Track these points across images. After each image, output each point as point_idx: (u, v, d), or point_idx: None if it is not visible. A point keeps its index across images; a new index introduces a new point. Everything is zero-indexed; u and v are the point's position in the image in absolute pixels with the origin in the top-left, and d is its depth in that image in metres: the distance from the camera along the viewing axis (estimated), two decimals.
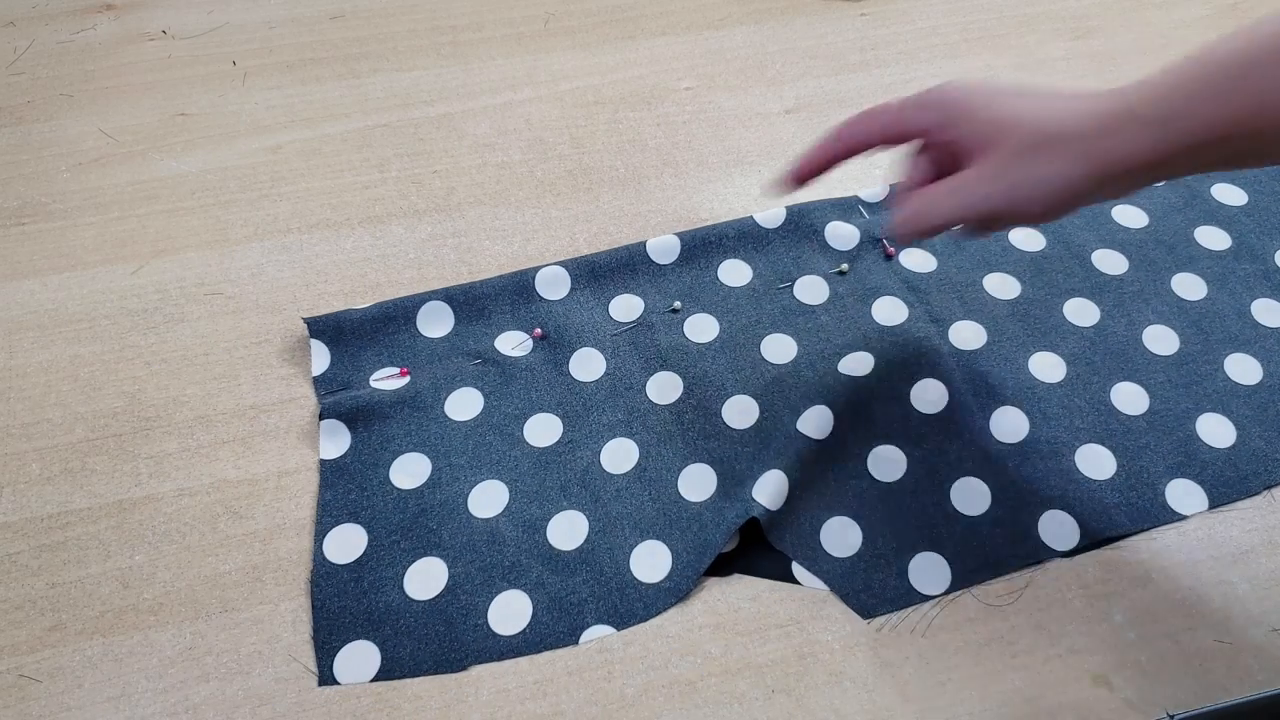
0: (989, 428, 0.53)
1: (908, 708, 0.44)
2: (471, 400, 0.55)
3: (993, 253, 0.63)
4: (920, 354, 0.57)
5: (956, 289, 0.60)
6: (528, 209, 0.66)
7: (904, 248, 0.63)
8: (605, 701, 0.44)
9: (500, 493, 0.51)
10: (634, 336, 0.58)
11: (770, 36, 0.81)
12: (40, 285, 0.62)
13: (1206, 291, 0.60)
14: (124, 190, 0.68)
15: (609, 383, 0.56)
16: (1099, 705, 0.44)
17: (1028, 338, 0.58)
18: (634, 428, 0.54)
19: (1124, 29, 0.81)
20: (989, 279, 0.61)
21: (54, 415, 0.55)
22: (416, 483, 0.52)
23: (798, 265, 0.62)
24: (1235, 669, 0.45)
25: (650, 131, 0.72)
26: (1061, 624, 0.46)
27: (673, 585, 0.48)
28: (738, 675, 0.45)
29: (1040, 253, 0.63)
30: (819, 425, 0.53)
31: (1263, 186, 0.67)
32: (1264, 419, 0.54)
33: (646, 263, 0.62)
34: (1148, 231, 0.64)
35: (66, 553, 0.49)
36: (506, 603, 0.47)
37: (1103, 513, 0.50)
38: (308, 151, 0.71)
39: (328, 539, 0.49)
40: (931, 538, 0.49)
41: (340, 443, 0.53)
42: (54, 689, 0.44)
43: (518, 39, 0.81)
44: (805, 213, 0.64)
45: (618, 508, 0.51)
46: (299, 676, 0.45)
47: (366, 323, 0.58)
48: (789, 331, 0.58)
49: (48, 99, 0.75)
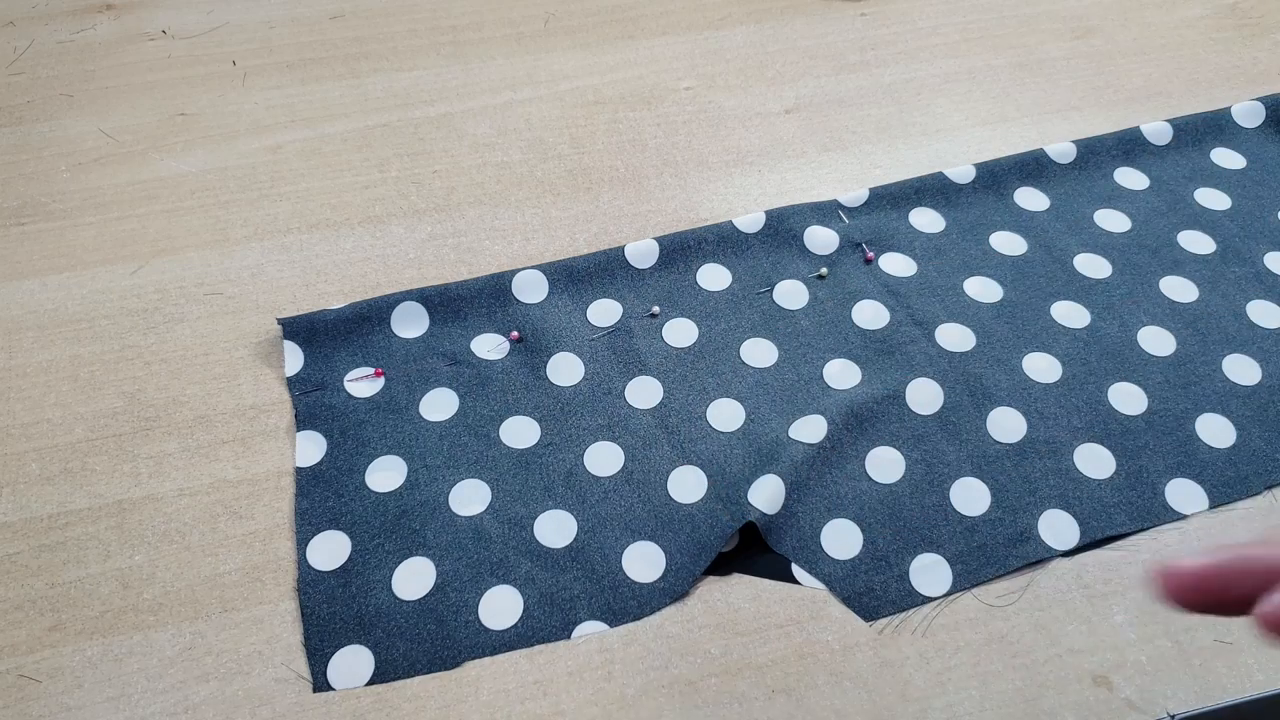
0: (986, 428, 0.53)
1: (908, 708, 0.44)
2: (446, 401, 0.55)
3: (973, 257, 0.63)
4: (910, 356, 0.57)
5: (937, 293, 0.60)
6: (528, 209, 0.66)
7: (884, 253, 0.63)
8: (605, 701, 0.44)
9: (482, 490, 0.51)
10: (612, 341, 0.58)
11: (770, 36, 0.81)
12: (40, 285, 0.62)
13: (1198, 294, 0.60)
14: (124, 190, 0.68)
15: (587, 387, 0.56)
16: (1099, 705, 0.44)
17: (1018, 339, 0.58)
18: (616, 432, 0.54)
19: (1124, 29, 0.81)
20: (969, 283, 0.61)
21: (54, 415, 0.55)
22: (394, 485, 0.52)
23: (777, 269, 0.62)
24: (1235, 669, 0.45)
25: (650, 131, 0.72)
26: (1061, 624, 0.46)
27: (668, 585, 0.48)
28: (738, 675, 0.45)
29: (1021, 257, 0.63)
30: (813, 431, 0.53)
31: (1246, 191, 0.67)
32: (1264, 419, 0.54)
33: (625, 267, 0.61)
34: (1130, 236, 0.64)
35: (66, 553, 0.49)
36: (497, 598, 0.47)
37: (1103, 512, 0.50)
38: (308, 151, 0.71)
39: (310, 546, 0.49)
40: (932, 539, 0.49)
41: (316, 449, 0.53)
42: (54, 689, 0.44)
43: (518, 39, 0.81)
44: (784, 217, 0.64)
45: (606, 509, 0.51)
46: (298, 677, 0.45)
47: (340, 323, 0.58)
48: (769, 335, 0.58)
49: (48, 99, 0.75)
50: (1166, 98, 0.74)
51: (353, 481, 0.52)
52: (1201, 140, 0.70)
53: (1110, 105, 0.74)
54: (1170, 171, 0.68)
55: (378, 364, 0.57)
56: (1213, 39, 0.80)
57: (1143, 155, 0.69)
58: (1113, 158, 0.69)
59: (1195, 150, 0.70)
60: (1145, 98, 0.74)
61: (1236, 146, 0.70)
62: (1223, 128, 0.71)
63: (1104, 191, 0.67)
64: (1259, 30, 0.81)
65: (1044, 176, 0.68)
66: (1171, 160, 0.69)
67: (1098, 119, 0.72)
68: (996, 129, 0.72)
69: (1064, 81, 0.76)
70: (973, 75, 0.77)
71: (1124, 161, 0.69)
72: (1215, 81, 0.76)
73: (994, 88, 0.76)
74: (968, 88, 0.76)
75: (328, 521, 0.50)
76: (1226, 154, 0.69)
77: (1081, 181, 0.68)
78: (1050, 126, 0.72)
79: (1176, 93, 0.75)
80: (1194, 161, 0.69)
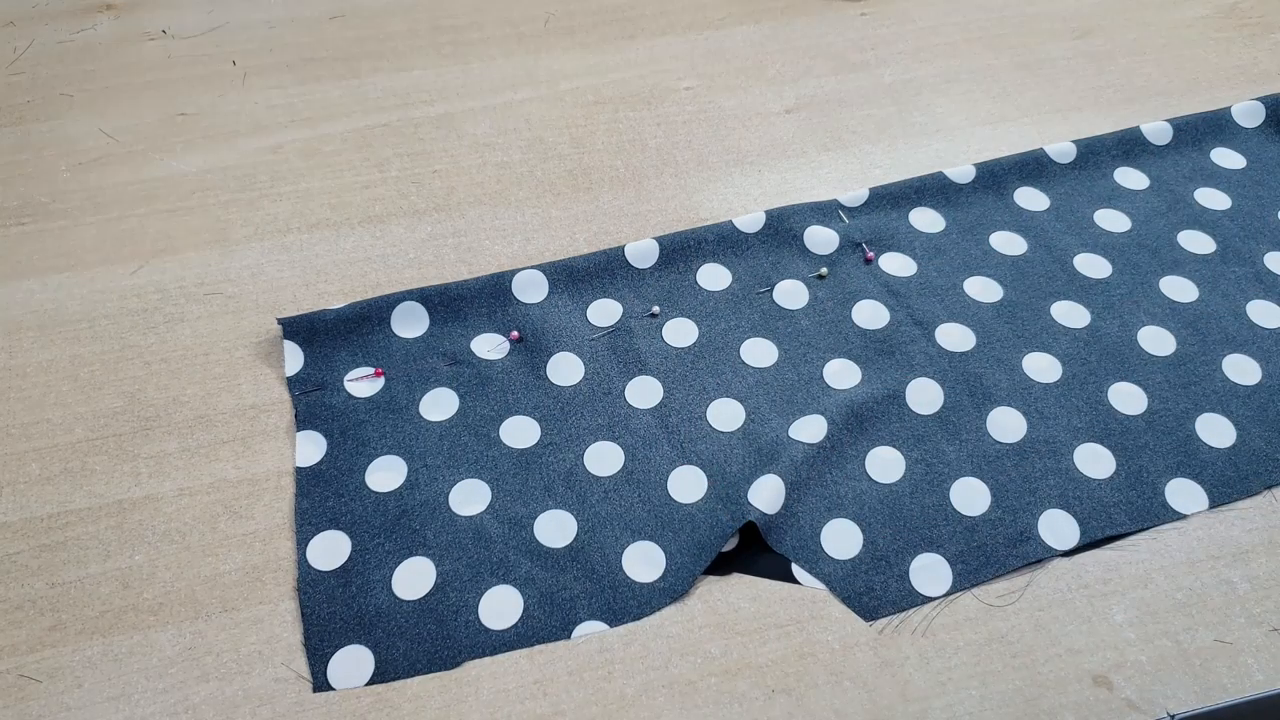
0: (986, 428, 0.53)
1: (908, 708, 0.44)
2: (446, 401, 0.55)
3: (973, 257, 0.63)
4: (910, 356, 0.57)
5: (937, 293, 0.60)
6: (528, 209, 0.66)
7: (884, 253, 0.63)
8: (605, 701, 0.44)
9: (482, 490, 0.51)
10: (612, 341, 0.58)
11: (770, 36, 0.81)
12: (40, 285, 0.61)
13: (1198, 294, 0.60)
14: (124, 190, 0.68)
15: (587, 387, 0.56)
16: (1099, 705, 0.44)
17: (1018, 339, 0.58)
18: (616, 431, 0.54)
19: (1124, 29, 0.81)
20: (970, 283, 0.61)
21: (54, 415, 0.55)
22: (394, 485, 0.52)
23: (777, 269, 0.62)
24: (1235, 669, 0.45)
25: (650, 131, 0.72)
26: (1061, 624, 0.46)
27: (668, 585, 0.48)
28: (738, 675, 0.45)
29: (1021, 256, 0.63)
30: (813, 431, 0.53)
31: (1245, 191, 0.67)
32: (1264, 419, 0.54)
33: (625, 267, 0.62)
34: (1130, 236, 0.64)
35: (66, 553, 0.49)
36: (497, 598, 0.47)
37: (1102, 512, 0.50)
38: (308, 151, 0.71)
39: (310, 546, 0.49)
40: (932, 538, 0.49)
41: (316, 449, 0.53)
42: (54, 689, 0.44)
43: (518, 39, 0.81)
44: (784, 217, 0.64)
45: (606, 509, 0.51)
46: (298, 676, 0.45)
47: (340, 323, 0.58)
48: (769, 335, 0.58)
49: (48, 99, 0.75)
50: (1166, 98, 0.74)
51: (353, 481, 0.52)
52: (1201, 140, 0.70)
53: (1110, 105, 0.74)
54: (1170, 171, 0.68)
55: (378, 364, 0.57)
56: (1213, 39, 0.80)
57: (1143, 155, 0.69)
58: (1113, 158, 0.69)
59: (1195, 150, 0.70)
60: (1145, 98, 0.74)
61: (1236, 146, 0.70)
62: (1223, 128, 0.71)
63: (1104, 191, 0.67)
64: (1259, 30, 0.81)
65: (1044, 176, 0.68)
66: (1171, 160, 0.69)
67: (1098, 119, 0.72)
68: (996, 129, 0.72)
69: (1064, 81, 0.76)
70: (973, 75, 0.77)
71: (1124, 161, 0.69)
72: (1215, 81, 0.76)
73: (994, 88, 0.76)
74: (968, 88, 0.76)
75: (328, 521, 0.50)
76: (1226, 154, 0.69)
77: (1081, 181, 0.68)
78: (1050, 126, 0.72)
79: (1176, 93, 0.75)
80: (1194, 161, 0.69)
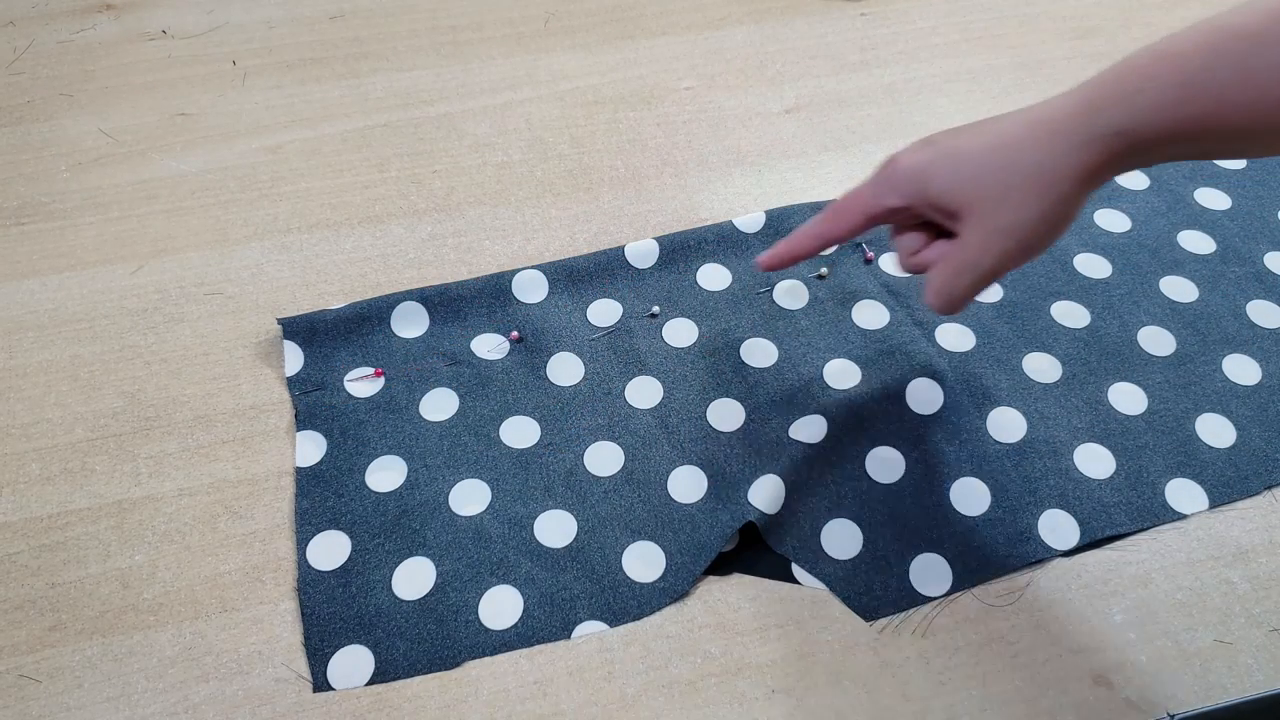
0: (986, 428, 0.53)
1: (908, 708, 0.44)
2: (446, 401, 0.55)
3: None
4: (910, 356, 0.57)
5: None
6: (528, 209, 0.66)
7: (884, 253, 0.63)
8: (605, 701, 0.44)
9: (482, 490, 0.51)
10: (612, 341, 0.58)
11: (770, 36, 0.81)
12: (40, 285, 0.62)
13: (1198, 294, 0.60)
14: (124, 190, 0.68)
15: (587, 387, 0.56)
16: (1099, 705, 0.44)
17: (1018, 339, 0.58)
18: (616, 431, 0.54)
19: (1124, 29, 0.81)
20: None
21: (54, 415, 0.55)
22: (394, 485, 0.52)
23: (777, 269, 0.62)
24: (1235, 669, 0.45)
25: (650, 131, 0.72)
26: (1061, 624, 0.46)
27: (668, 585, 0.48)
28: (738, 675, 0.45)
29: None
30: (813, 431, 0.52)
31: (1246, 190, 0.67)
32: (1264, 419, 0.54)
33: (625, 267, 0.62)
34: (1130, 236, 0.64)
35: (66, 553, 0.49)
36: (497, 598, 0.47)
37: (1102, 512, 0.50)
38: (308, 151, 0.71)
39: (310, 546, 0.49)
40: (932, 539, 0.49)
41: (316, 449, 0.53)
42: (54, 689, 0.44)
43: (518, 39, 0.81)
44: (785, 216, 0.64)
45: (606, 509, 0.51)
46: (298, 676, 0.45)
47: (340, 323, 0.58)
48: (769, 335, 0.58)
49: (48, 99, 0.75)
50: None
51: (353, 481, 0.52)
52: None
53: None
54: (1170, 171, 0.68)
55: (378, 364, 0.57)
56: None
57: None
58: None
59: None
60: None
61: None
62: None
63: (1104, 191, 0.67)
64: None
65: None
66: None
67: None
68: None
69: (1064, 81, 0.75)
70: (973, 75, 0.77)
71: None
72: None
73: (994, 88, 0.76)
74: (968, 88, 0.76)
75: (328, 521, 0.50)
76: None
77: None
78: None
79: None
80: (1194, 161, 0.69)
